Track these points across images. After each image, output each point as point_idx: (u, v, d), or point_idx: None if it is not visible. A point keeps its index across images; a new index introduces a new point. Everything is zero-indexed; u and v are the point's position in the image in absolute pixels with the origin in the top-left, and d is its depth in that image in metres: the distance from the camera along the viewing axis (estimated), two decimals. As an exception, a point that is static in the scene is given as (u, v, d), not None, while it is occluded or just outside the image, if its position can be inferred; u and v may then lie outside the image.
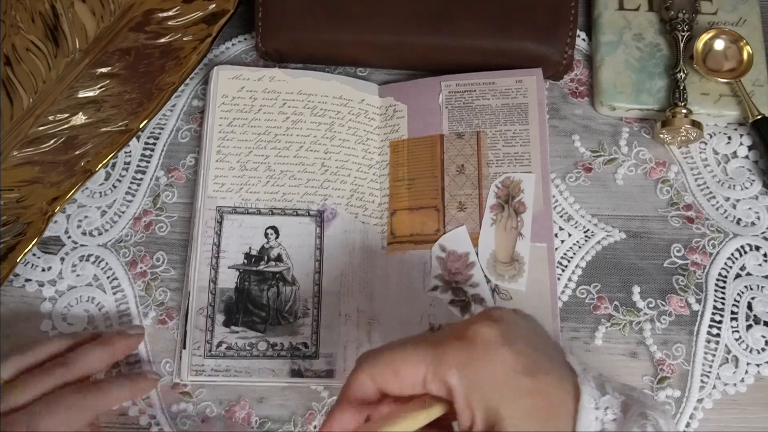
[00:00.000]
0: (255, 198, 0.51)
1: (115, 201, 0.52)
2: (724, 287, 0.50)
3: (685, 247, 0.52)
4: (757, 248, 0.51)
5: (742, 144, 0.55)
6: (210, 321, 0.48)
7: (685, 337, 0.49)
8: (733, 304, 0.50)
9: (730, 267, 0.51)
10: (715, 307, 0.50)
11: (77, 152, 0.51)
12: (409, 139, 0.54)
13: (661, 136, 0.53)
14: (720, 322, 0.49)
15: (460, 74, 0.55)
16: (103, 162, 0.50)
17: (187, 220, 0.52)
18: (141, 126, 0.51)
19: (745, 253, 0.51)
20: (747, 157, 0.54)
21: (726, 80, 0.54)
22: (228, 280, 0.49)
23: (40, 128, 0.53)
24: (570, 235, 0.52)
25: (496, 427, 0.31)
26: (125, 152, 0.54)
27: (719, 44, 0.55)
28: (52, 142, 0.52)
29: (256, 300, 0.49)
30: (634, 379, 0.48)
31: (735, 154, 0.55)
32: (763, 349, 0.49)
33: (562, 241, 0.52)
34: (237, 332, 0.48)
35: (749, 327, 0.49)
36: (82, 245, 0.51)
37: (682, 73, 0.54)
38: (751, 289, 0.50)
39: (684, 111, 0.52)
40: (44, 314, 0.49)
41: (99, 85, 0.54)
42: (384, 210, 0.53)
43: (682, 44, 0.55)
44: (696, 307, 0.50)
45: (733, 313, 0.50)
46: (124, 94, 0.53)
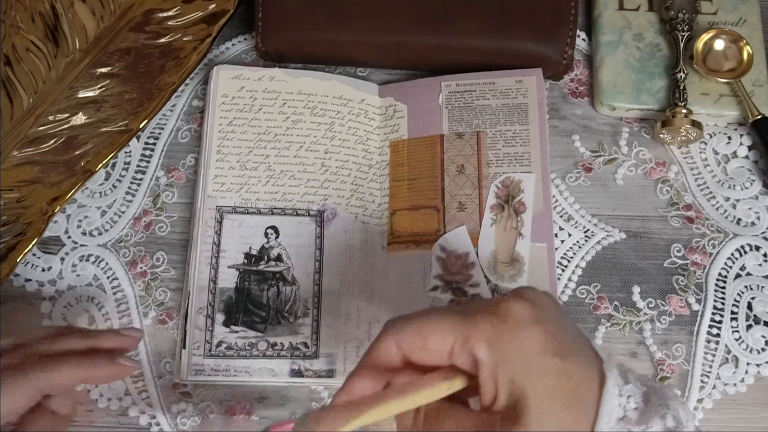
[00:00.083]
0: (255, 198, 0.51)
1: (115, 201, 0.52)
2: (724, 287, 0.50)
3: (685, 247, 0.52)
4: (757, 248, 0.51)
5: (742, 144, 0.55)
6: (210, 321, 0.48)
7: (685, 337, 0.49)
8: (733, 304, 0.50)
9: (730, 267, 0.51)
10: (715, 307, 0.50)
11: (77, 152, 0.51)
12: (409, 139, 0.54)
13: (661, 136, 0.53)
14: (720, 322, 0.49)
15: (460, 74, 0.55)
16: (103, 162, 0.50)
17: (187, 220, 0.52)
18: (141, 126, 0.51)
19: (745, 253, 0.51)
20: (747, 157, 0.54)
21: (726, 80, 0.54)
22: (228, 279, 0.49)
23: (40, 128, 0.53)
24: (570, 235, 0.52)
25: (518, 405, 0.30)
26: (125, 152, 0.54)
27: (719, 44, 0.55)
28: (52, 142, 0.52)
29: (256, 300, 0.49)
30: (634, 379, 0.48)
31: (735, 154, 0.55)
32: (763, 349, 0.49)
33: (562, 241, 0.52)
34: (237, 332, 0.48)
35: (749, 327, 0.49)
36: (82, 245, 0.51)
37: (682, 73, 0.54)
38: (751, 289, 0.50)
39: (684, 111, 0.52)
40: (44, 314, 0.49)
41: (99, 85, 0.54)
42: (384, 210, 0.53)
43: (682, 44, 0.55)
44: (696, 307, 0.50)
45: (733, 313, 0.50)
46: (124, 94, 0.53)
